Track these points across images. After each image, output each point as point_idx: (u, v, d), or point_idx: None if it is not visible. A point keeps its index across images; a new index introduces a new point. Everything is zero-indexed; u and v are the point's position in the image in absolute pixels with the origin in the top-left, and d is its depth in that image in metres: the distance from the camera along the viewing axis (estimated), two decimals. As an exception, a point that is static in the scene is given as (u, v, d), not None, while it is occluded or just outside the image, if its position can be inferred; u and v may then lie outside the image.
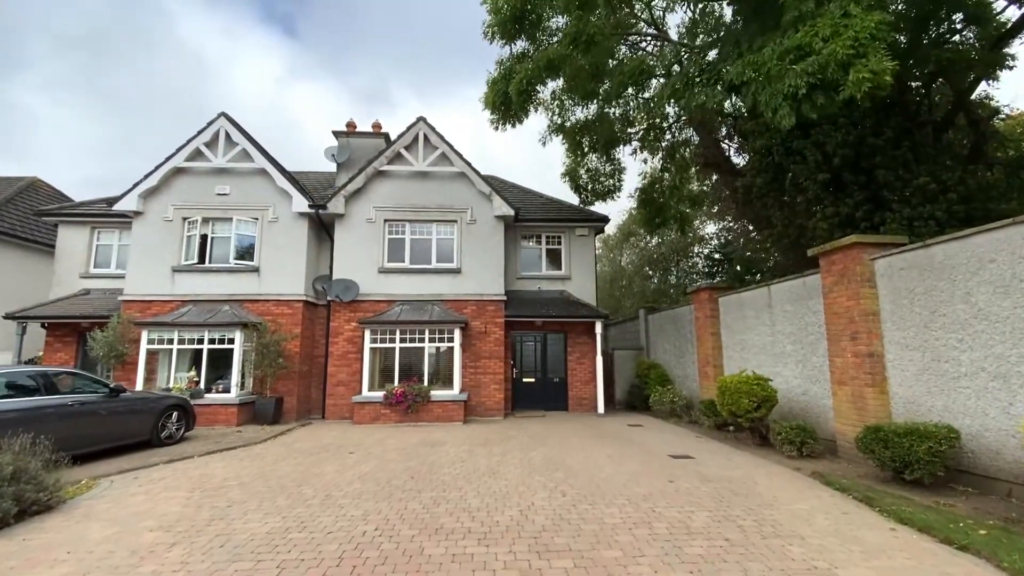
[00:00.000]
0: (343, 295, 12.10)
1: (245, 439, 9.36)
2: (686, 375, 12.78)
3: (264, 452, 8.29)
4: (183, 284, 12.23)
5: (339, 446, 8.76)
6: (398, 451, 8.22)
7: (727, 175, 12.07)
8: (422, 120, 12.87)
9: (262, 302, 12.28)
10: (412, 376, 11.51)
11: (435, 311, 12.11)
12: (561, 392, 13.44)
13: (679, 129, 16.31)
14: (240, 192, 12.65)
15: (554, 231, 14.26)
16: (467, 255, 12.72)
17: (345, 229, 12.64)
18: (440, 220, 12.86)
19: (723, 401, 8.53)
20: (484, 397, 12.26)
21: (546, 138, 14.09)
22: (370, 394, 11.30)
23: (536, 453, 7.94)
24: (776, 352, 9.21)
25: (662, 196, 16.54)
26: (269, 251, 12.44)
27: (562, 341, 13.66)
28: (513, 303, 13.13)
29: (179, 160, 12.48)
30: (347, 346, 12.18)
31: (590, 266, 14.16)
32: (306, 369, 12.57)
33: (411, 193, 12.87)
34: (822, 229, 8.83)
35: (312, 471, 6.87)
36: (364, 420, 11.10)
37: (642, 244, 25.16)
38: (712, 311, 11.23)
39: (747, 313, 10.12)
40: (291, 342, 12.01)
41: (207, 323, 11.30)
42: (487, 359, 12.40)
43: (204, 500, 5.49)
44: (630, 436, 9.57)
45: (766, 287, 9.56)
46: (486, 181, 12.69)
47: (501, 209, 12.67)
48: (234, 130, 12.65)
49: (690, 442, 8.94)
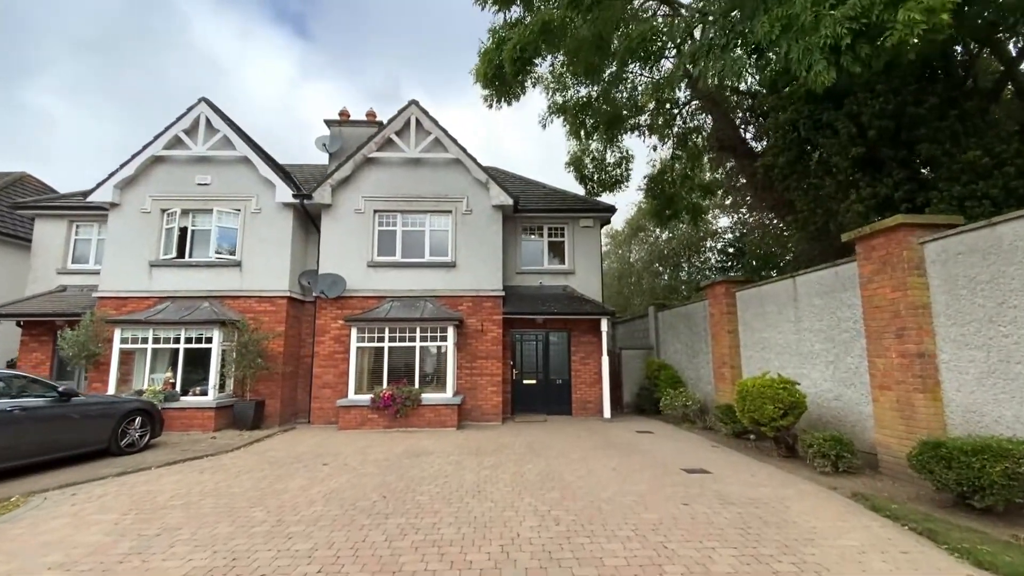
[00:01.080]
0: (329, 291, 11.29)
1: (217, 447, 8.58)
2: (699, 377, 11.79)
3: (231, 463, 7.48)
4: (161, 280, 11.50)
5: (315, 455, 7.93)
6: (378, 462, 7.36)
7: (744, 159, 11.08)
8: (414, 104, 12.02)
9: (244, 298, 11.51)
10: (402, 378, 10.66)
11: (428, 308, 11.25)
12: (564, 395, 12.52)
13: (690, 115, 15.33)
14: (221, 182, 11.90)
15: (557, 222, 13.33)
16: (462, 248, 11.85)
17: (332, 220, 11.83)
18: (434, 210, 12.01)
19: (744, 407, 7.55)
20: (481, 400, 11.37)
21: (546, 119, 13.16)
22: (356, 397, 10.47)
23: (532, 466, 7.03)
24: (802, 352, 8.21)
25: (673, 186, 15.54)
26: (252, 244, 11.68)
27: (565, 340, 12.74)
28: (512, 299, 12.24)
29: (157, 148, 11.76)
30: (334, 345, 11.37)
31: (595, 260, 13.21)
32: (291, 370, 11.79)
33: (402, 182, 12.02)
34: (855, 213, 7.81)
35: (274, 487, 6.03)
36: (350, 426, 10.28)
37: (651, 239, 24.09)
38: (729, 307, 10.24)
39: (768, 309, 9.13)
40: (274, 341, 11.24)
41: (183, 321, 10.55)
42: (484, 359, 11.52)
43: (133, 526, 4.66)
44: (638, 445, 8.63)
45: (790, 279, 8.56)
46: (482, 168, 11.80)
47: (499, 198, 11.77)
48: (215, 116, 11.91)
49: (706, 453, 7.98)
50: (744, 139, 11.39)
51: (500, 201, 11.76)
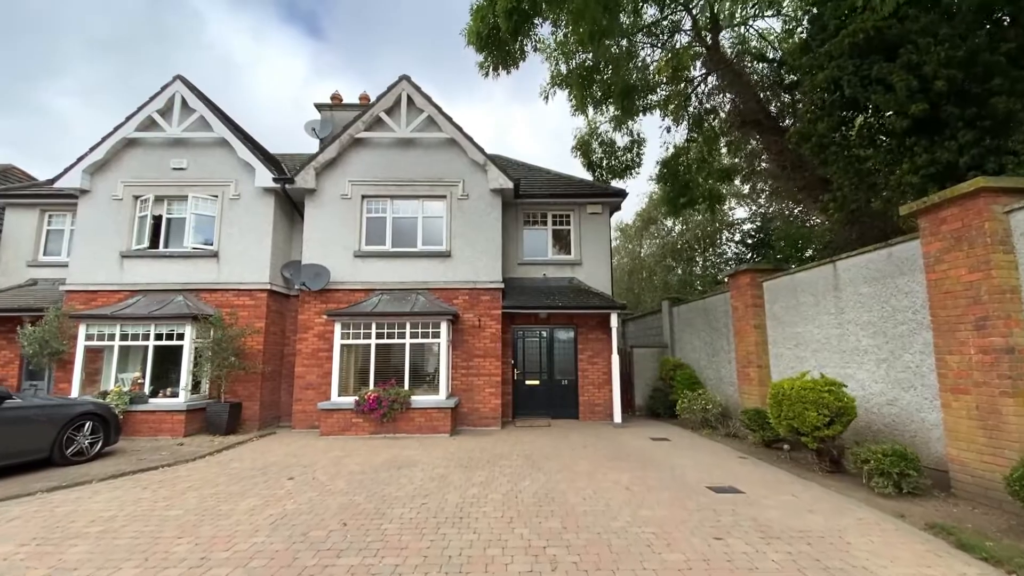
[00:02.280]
0: (312, 283, 10.32)
1: (178, 455, 7.64)
2: (720, 377, 10.65)
3: (186, 475, 6.52)
4: (133, 272, 10.62)
5: (284, 466, 6.95)
6: (351, 476, 6.36)
7: (770, 134, 9.95)
8: (405, 79, 11.02)
9: (221, 292, 10.60)
10: (391, 379, 9.66)
11: (419, 301, 10.24)
12: (570, 397, 11.45)
13: (706, 95, 14.18)
14: (198, 166, 11.00)
15: (562, 209, 12.25)
16: (458, 236, 10.83)
17: (316, 207, 10.87)
18: (427, 196, 11.00)
19: (779, 413, 6.43)
20: (478, 403, 10.34)
21: (548, 91, 12.04)
22: (340, 400, 9.49)
23: (529, 483, 5.98)
24: (846, 348, 7.06)
25: (688, 171, 14.40)
26: (230, 233, 10.75)
27: (572, 337, 11.66)
28: (513, 292, 11.19)
29: (129, 130, 10.88)
30: (317, 343, 10.41)
31: (604, 249, 12.11)
32: (273, 370, 10.85)
33: (393, 164, 11.03)
34: (908, 185, 6.64)
35: (219, 509, 5.05)
36: (332, 431, 9.30)
37: (663, 232, 22.89)
38: (755, 299, 9.09)
39: (803, 299, 7.98)
40: (252, 338, 10.30)
41: (152, 316, 9.65)
42: (481, 358, 10.48)
43: (21, 563, 3.70)
44: (653, 455, 7.53)
45: (829, 264, 7.41)
46: (480, 149, 10.77)
47: (497, 181, 10.73)
48: (191, 95, 11.01)
49: (733, 466, 6.86)
50: (770, 113, 10.25)
51: (499, 185, 10.72)
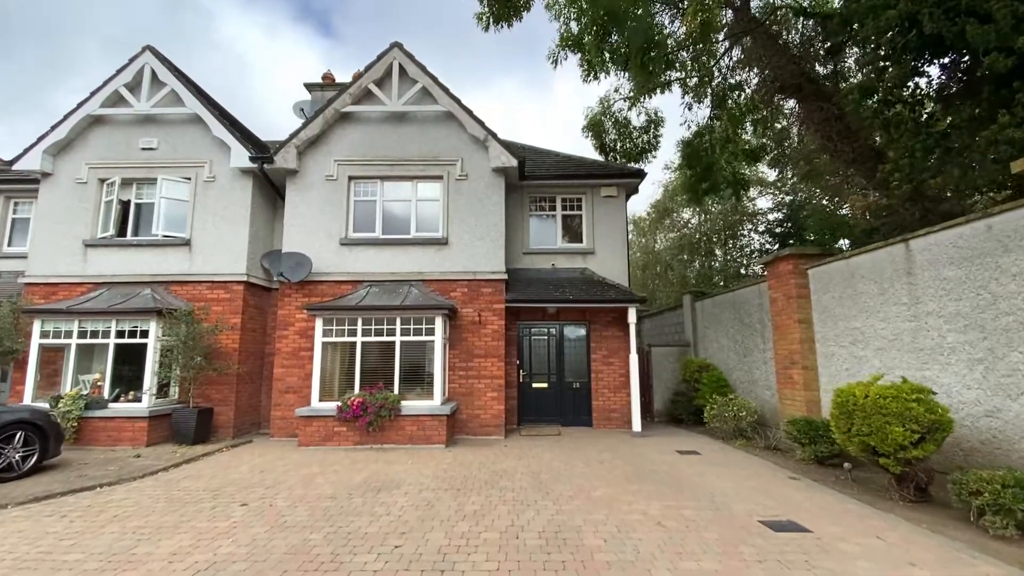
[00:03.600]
0: (292, 274, 9.21)
1: (126, 471, 6.55)
2: (753, 380, 9.37)
3: (121, 499, 5.42)
4: (98, 263, 9.59)
5: (244, 487, 5.82)
6: (318, 501, 5.20)
7: (812, 101, 8.65)
8: (397, 47, 9.86)
9: (194, 284, 9.53)
10: (379, 382, 8.51)
11: (412, 294, 9.08)
12: (582, 401, 10.22)
13: (730, 69, 12.89)
14: (169, 145, 9.95)
15: (572, 192, 11.01)
16: (456, 222, 9.65)
17: (299, 190, 9.75)
18: (421, 176, 9.83)
19: (848, 426, 5.16)
20: (478, 409, 9.16)
21: (557, 55, 10.78)
22: (320, 405, 8.36)
23: (534, 514, 4.78)
24: (923, 346, 5.78)
25: (710, 152, 13.10)
26: (204, 219, 9.69)
27: (584, 335, 10.44)
28: (518, 285, 9.99)
29: (94, 106, 9.85)
30: (299, 341, 9.29)
31: (620, 237, 10.86)
32: (250, 371, 9.75)
33: (384, 141, 9.88)
34: (1010, 141, 5.32)
35: (134, 551, 3.92)
36: (312, 441, 8.17)
37: (679, 224, 21.52)
38: (799, 289, 7.81)
39: (862, 288, 6.70)
40: (226, 335, 9.23)
41: (113, 311, 8.60)
42: (482, 358, 9.30)
43: None
44: (685, 474, 6.29)
45: (900, 244, 6.12)
46: (480, 123, 9.58)
47: (500, 159, 9.53)
48: (161, 67, 9.95)
49: (786, 490, 5.60)
50: (811, 76, 8.93)
51: (502, 163, 9.53)
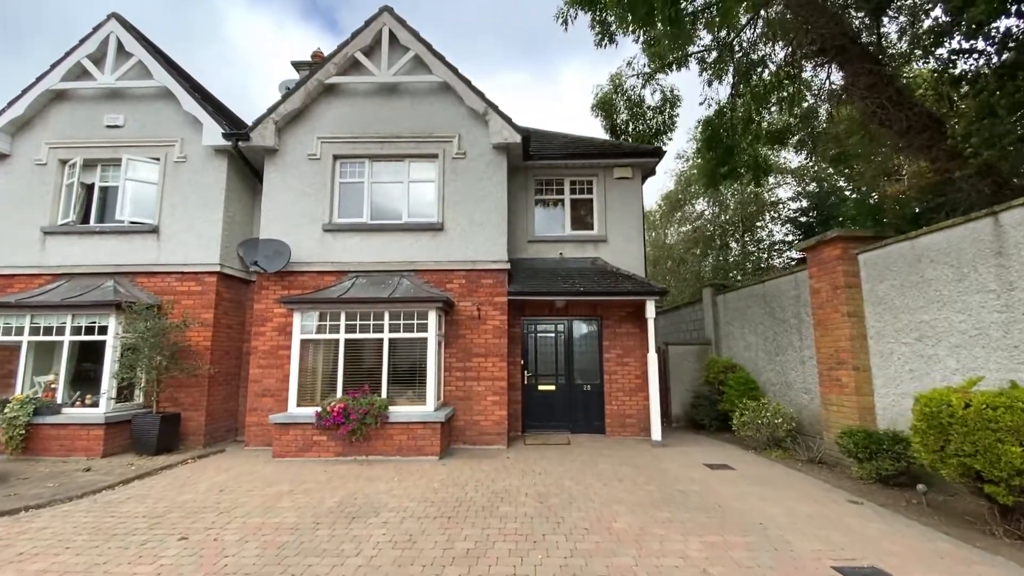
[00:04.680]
0: (268, 263, 8.23)
1: (64, 489, 5.60)
2: (787, 382, 8.30)
3: (39, 529, 4.45)
4: (57, 252, 8.67)
5: (193, 512, 4.84)
6: (274, 536, 4.21)
7: (859, 63, 7.57)
8: (386, 11, 8.85)
9: (162, 275, 8.59)
10: (365, 384, 7.51)
11: (403, 286, 8.08)
12: (594, 406, 9.18)
13: (751, 45, 11.80)
14: (137, 122, 9.01)
15: (582, 173, 9.96)
16: (453, 205, 8.64)
17: (278, 170, 8.78)
18: (414, 155, 8.82)
19: (943, 444, 4.10)
20: (477, 414, 8.15)
21: (566, 15, 9.67)
22: (298, 411, 7.38)
23: (542, 555, 3.75)
24: (1017, 343, 4.69)
25: (731, 134, 12.02)
26: (174, 204, 8.74)
27: (595, 331, 9.40)
28: (522, 276, 8.97)
29: (54, 80, 8.93)
30: (278, 338, 8.32)
31: (635, 222, 9.79)
32: (224, 371, 8.78)
33: (373, 117, 8.88)
34: None
35: (9, 617, 2.94)
36: (288, 452, 7.19)
37: (693, 216, 20.38)
38: (848, 277, 6.73)
39: (932, 274, 5.61)
40: (197, 331, 8.28)
41: (68, 304, 7.66)
42: (482, 357, 8.28)
43: None
44: (722, 497, 5.24)
45: (987, 218, 5.02)
46: (480, 94, 8.57)
47: (501, 134, 8.51)
48: (128, 37, 9.01)
49: (852, 519, 4.55)
50: (855, 37, 7.80)
51: (504, 139, 8.50)
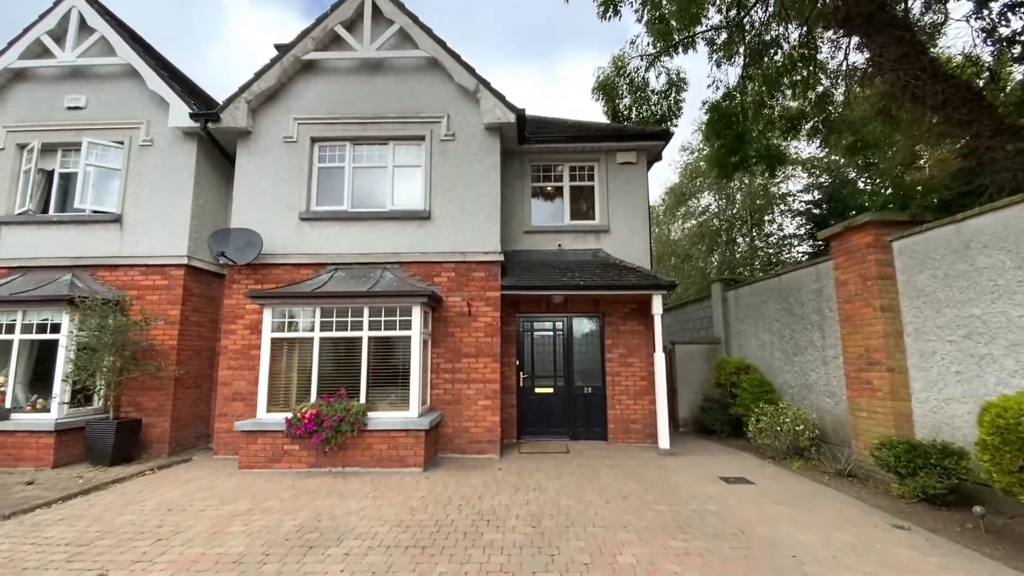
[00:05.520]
0: (239, 255, 7.52)
1: (-10, 509, 4.90)
2: (807, 384, 7.56)
3: (-63, 562, 3.75)
4: (13, 243, 8.00)
5: (125, 540, 4.13)
6: (210, 573, 3.50)
7: (887, 31, 6.83)
8: (370, -20, 8.16)
9: (125, 268, 7.90)
10: (341, 388, 6.80)
11: (384, 279, 7.37)
12: (596, 410, 8.46)
13: (763, 25, 11.07)
14: (99, 103, 8.33)
15: (582, 159, 9.23)
16: (441, 192, 7.93)
17: (251, 155, 8.08)
18: (399, 137, 8.11)
19: (1019, 461, 3.37)
20: (467, 420, 7.43)
21: None
22: (268, 417, 6.68)
23: (531, 604, 3.04)
24: (1098, 341, 3.95)
25: (742, 119, 11.29)
26: (138, 191, 8.05)
27: (597, 329, 8.69)
28: (517, 269, 8.26)
29: (12, 58, 8.25)
30: (250, 337, 7.61)
31: (640, 211, 9.06)
32: (192, 373, 8.09)
33: (354, 96, 8.17)
34: None
35: None
36: (256, 462, 6.49)
37: (698, 210, 19.63)
38: (881, 267, 5.99)
39: (984, 261, 4.88)
40: (160, 329, 7.58)
41: (16, 299, 6.97)
42: (472, 358, 7.56)
43: None
44: (745, 520, 4.51)
45: (1056, 196, 4.29)
46: (470, 70, 7.85)
47: (494, 112, 7.80)
48: (91, 11, 8.32)
49: (902, 550, 3.82)
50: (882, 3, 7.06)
51: (496, 118, 7.79)
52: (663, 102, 11.91)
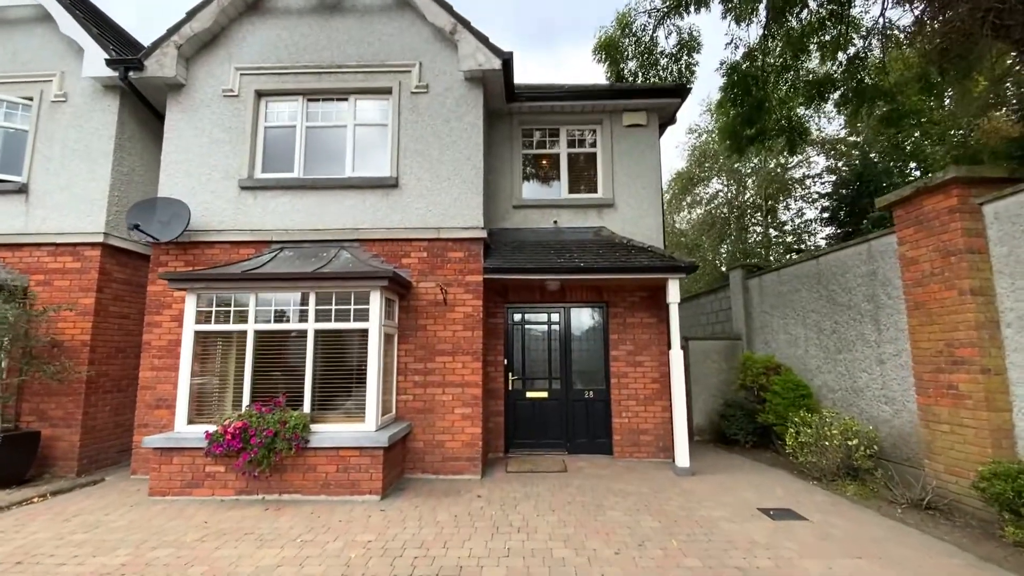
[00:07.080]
0: (162, 231, 6.15)
1: None
2: (857, 387, 6.21)
3: None
4: (-102, 219, 6.63)
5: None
6: None
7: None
8: (326, -98, 6.76)
9: (30, 248, 6.53)
10: (282, 393, 5.44)
11: (340, 259, 6.01)
12: (598, 418, 7.11)
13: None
14: (7, 53, 6.95)
15: (583, 120, 7.85)
16: (411, 155, 6.55)
17: (184, 111, 6.70)
18: (362, 89, 6.73)
19: None
20: (441, 433, 6.07)
21: None
22: (188, 431, 5.32)
23: None
24: None
25: (763, 85, 9.91)
26: (50, 156, 6.68)
27: (600, 322, 7.33)
28: (505, 249, 6.89)
29: (-102, -2, 6.87)
30: (179, 331, 6.25)
31: (651, 181, 7.68)
32: (111, 374, 6.71)
33: (309, 41, 6.79)
34: None
35: None
36: (171, 488, 5.14)
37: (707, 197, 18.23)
38: (967, 238, 4.62)
39: None
40: (69, 322, 6.23)
41: None
42: (448, 356, 6.20)
43: None
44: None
45: None
46: (446, 7, 6.48)
47: (475, 58, 6.41)
48: (-6, -59, 6.94)
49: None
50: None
51: (478, 64, 6.41)
52: (673, 65, 10.53)
